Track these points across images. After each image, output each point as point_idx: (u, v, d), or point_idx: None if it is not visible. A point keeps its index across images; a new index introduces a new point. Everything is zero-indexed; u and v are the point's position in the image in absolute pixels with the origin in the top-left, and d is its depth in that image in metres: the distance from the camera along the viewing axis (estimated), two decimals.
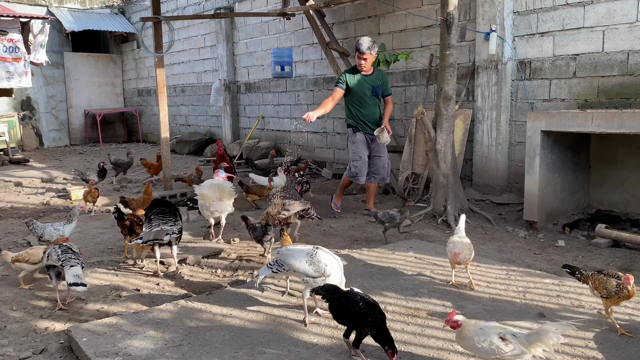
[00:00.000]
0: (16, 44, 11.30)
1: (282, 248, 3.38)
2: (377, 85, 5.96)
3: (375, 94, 5.99)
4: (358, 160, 5.99)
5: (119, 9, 16.04)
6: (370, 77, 5.97)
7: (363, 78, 5.96)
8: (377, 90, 5.97)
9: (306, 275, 3.17)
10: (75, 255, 3.65)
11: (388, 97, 6.10)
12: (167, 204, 4.37)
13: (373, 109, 6.02)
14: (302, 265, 3.16)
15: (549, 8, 5.93)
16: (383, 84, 6.01)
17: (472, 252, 3.65)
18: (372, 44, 5.81)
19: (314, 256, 3.18)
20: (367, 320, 2.63)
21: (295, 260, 3.19)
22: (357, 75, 5.97)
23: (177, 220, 4.25)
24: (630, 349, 2.80)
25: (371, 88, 5.94)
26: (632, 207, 5.46)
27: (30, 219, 4.70)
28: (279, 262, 3.27)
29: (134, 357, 2.79)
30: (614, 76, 5.52)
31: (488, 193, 6.56)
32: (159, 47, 7.39)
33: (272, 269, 3.28)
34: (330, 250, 3.37)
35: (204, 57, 12.74)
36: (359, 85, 5.94)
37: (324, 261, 3.18)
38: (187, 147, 12.64)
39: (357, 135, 6.02)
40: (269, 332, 3.07)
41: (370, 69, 5.97)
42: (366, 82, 5.94)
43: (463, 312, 3.28)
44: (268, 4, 10.26)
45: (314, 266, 3.15)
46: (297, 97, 10.03)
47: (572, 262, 4.42)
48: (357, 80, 5.95)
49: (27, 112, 14.53)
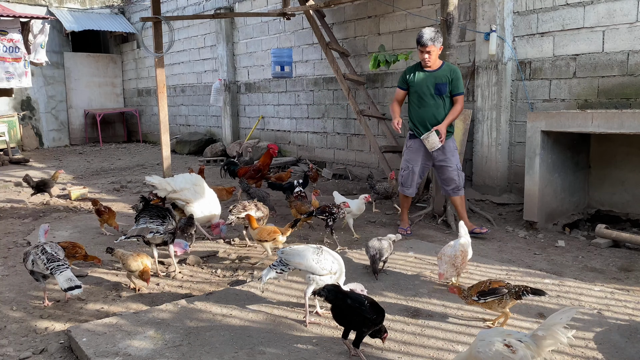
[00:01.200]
0: (16, 44, 11.31)
1: (286, 248, 3.37)
2: (442, 82, 5.12)
3: (439, 92, 5.14)
4: (404, 170, 5.37)
5: (119, 9, 16.03)
6: (436, 73, 5.16)
7: (426, 74, 5.19)
8: (441, 88, 5.12)
9: (313, 273, 3.17)
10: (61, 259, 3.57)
11: (457, 97, 5.16)
12: (157, 208, 4.42)
13: (434, 110, 5.17)
14: (309, 263, 3.16)
15: (549, 8, 5.93)
16: (452, 81, 5.12)
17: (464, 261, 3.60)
18: (436, 35, 5.00)
19: (320, 254, 3.19)
20: (372, 319, 2.63)
21: (302, 258, 3.19)
22: (419, 71, 5.22)
23: (164, 221, 4.24)
24: (630, 349, 2.80)
25: (434, 85, 5.14)
26: (632, 207, 5.46)
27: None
28: (283, 261, 3.25)
29: (134, 357, 2.80)
30: (614, 76, 5.52)
31: (488, 193, 6.56)
32: (159, 47, 7.39)
33: (276, 270, 3.25)
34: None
35: (204, 57, 12.74)
36: (419, 83, 5.20)
37: (331, 259, 3.21)
38: (187, 147, 12.64)
39: (411, 141, 5.34)
40: (269, 332, 3.07)
41: (436, 64, 5.16)
42: (429, 79, 5.16)
43: (461, 313, 3.28)
44: (268, 4, 10.26)
45: (321, 264, 3.15)
46: (297, 97, 10.03)
47: (572, 262, 4.42)
48: (419, 77, 5.21)
49: (27, 112, 14.52)
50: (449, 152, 5.20)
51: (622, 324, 3.07)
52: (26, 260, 3.66)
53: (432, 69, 5.17)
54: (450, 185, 5.26)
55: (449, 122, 5.12)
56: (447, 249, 3.61)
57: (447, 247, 3.65)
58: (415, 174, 5.33)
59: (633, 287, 3.80)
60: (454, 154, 5.27)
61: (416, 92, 5.23)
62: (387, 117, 8.08)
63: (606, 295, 3.52)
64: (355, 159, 8.92)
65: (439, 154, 5.20)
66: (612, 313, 3.24)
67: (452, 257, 3.53)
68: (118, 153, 13.37)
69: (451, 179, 5.23)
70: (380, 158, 7.77)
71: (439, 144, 5.06)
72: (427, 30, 5.02)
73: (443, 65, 5.19)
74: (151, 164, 11.13)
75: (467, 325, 3.12)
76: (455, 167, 5.23)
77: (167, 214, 4.33)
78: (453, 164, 5.23)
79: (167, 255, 4.49)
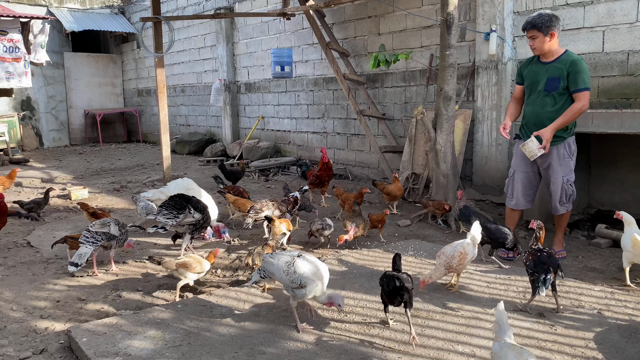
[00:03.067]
0: (16, 44, 11.30)
1: (266, 255, 3.33)
2: (554, 76, 4.26)
3: (550, 88, 4.29)
4: (509, 177, 4.69)
5: (119, 9, 16.04)
6: (549, 65, 4.32)
7: (539, 67, 4.40)
8: (553, 83, 4.27)
9: (284, 285, 3.18)
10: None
11: (576, 94, 4.19)
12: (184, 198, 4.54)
13: (538, 109, 4.37)
14: (280, 275, 3.12)
15: (549, 8, 5.92)
16: (569, 75, 4.20)
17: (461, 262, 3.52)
18: (542, 18, 4.20)
19: (291, 266, 3.08)
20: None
21: (274, 269, 3.16)
22: (533, 63, 4.49)
23: (180, 213, 4.36)
24: (630, 349, 2.80)
25: (545, 80, 4.32)
26: (632, 207, 5.44)
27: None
28: (264, 267, 3.27)
29: (134, 357, 2.79)
30: (614, 76, 5.52)
31: (488, 193, 6.56)
32: (159, 47, 7.39)
33: (260, 275, 3.29)
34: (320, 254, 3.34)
35: (204, 57, 12.74)
36: (530, 77, 4.46)
37: (300, 272, 3.04)
38: (187, 147, 12.64)
39: (517, 142, 4.62)
40: (269, 332, 3.07)
41: (550, 54, 4.32)
42: (541, 73, 4.36)
43: (461, 313, 3.28)
44: (268, 4, 10.26)
45: (289, 276, 3.06)
46: (297, 97, 10.03)
47: (572, 262, 4.42)
48: (531, 69, 4.47)
49: (27, 112, 14.53)
50: (556, 160, 4.34)
51: (622, 324, 3.07)
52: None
53: (548, 60, 4.35)
54: (551, 202, 4.45)
55: (556, 126, 4.18)
56: (448, 248, 3.59)
57: (448, 246, 3.64)
58: (517, 182, 4.57)
59: (633, 287, 3.80)
60: (563, 162, 4.34)
61: (528, 87, 4.51)
62: (387, 117, 8.09)
63: (606, 295, 3.52)
64: (355, 159, 8.92)
65: (542, 161, 4.39)
66: (612, 313, 3.24)
67: (450, 257, 3.50)
68: (118, 153, 13.37)
69: (554, 191, 4.39)
70: (381, 158, 7.77)
71: (537, 153, 4.21)
72: (535, 14, 4.32)
73: (562, 55, 4.31)
74: (151, 164, 11.12)
75: (467, 326, 3.11)
76: (560, 180, 4.34)
77: (189, 206, 4.43)
78: (558, 175, 4.35)
79: (166, 253, 4.49)
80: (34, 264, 4.66)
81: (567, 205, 4.44)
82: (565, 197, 4.40)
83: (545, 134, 4.17)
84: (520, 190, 4.58)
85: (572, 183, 4.39)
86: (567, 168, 4.36)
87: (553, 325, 3.09)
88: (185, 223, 4.40)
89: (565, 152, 4.36)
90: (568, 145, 4.37)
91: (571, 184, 4.39)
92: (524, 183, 4.56)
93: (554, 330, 3.04)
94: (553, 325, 3.09)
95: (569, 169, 4.37)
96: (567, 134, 4.34)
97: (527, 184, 4.56)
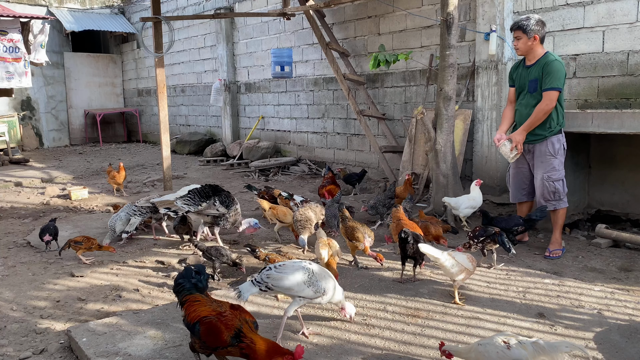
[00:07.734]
0: (16, 44, 11.29)
1: (272, 266, 2.96)
2: (533, 78, 4.46)
3: (531, 90, 4.49)
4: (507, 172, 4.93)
5: (119, 9, 16.04)
6: (531, 68, 4.50)
7: (523, 69, 4.60)
8: (533, 85, 4.47)
9: (304, 297, 2.88)
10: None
11: (544, 93, 4.35)
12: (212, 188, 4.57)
13: (524, 110, 4.56)
14: (301, 288, 2.85)
15: (549, 8, 5.93)
16: (542, 76, 4.37)
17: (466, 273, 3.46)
18: (528, 21, 4.38)
19: (312, 276, 2.88)
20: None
21: (290, 282, 2.85)
22: (521, 67, 4.67)
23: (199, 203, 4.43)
24: (630, 349, 2.80)
25: (527, 82, 4.53)
26: (632, 207, 5.45)
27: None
28: (268, 283, 2.87)
29: (134, 357, 2.80)
30: (614, 76, 5.52)
31: (488, 193, 6.55)
32: (159, 47, 7.39)
33: (260, 287, 2.89)
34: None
35: (204, 57, 12.74)
36: (518, 80, 4.67)
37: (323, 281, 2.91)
38: (187, 147, 12.64)
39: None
40: (269, 332, 3.07)
41: (532, 57, 4.48)
42: (524, 75, 4.58)
43: (461, 313, 3.28)
44: (268, 4, 10.26)
45: (313, 287, 2.86)
46: (297, 97, 10.03)
47: (572, 262, 4.41)
48: (519, 73, 4.67)
49: (27, 112, 14.53)
50: (537, 157, 4.51)
51: (622, 324, 3.07)
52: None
53: (530, 62, 4.51)
54: (536, 195, 4.59)
55: (525, 128, 4.42)
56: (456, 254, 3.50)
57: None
58: (511, 177, 4.86)
59: (633, 287, 3.80)
60: (544, 160, 4.47)
61: (517, 90, 4.70)
62: (387, 117, 8.09)
63: (606, 295, 3.52)
64: (355, 159, 8.92)
65: (529, 158, 4.61)
66: (612, 313, 3.24)
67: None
68: (118, 153, 13.37)
69: (537, 187, 4.55)
70: (381, 158, 7.77)
71: (510, 155, 4.48)
72: (524, 16, 4.54)
73: (541, 58, 4.45)
74: (151, 164, 11.13)
75: (467, 325, 3.12)
76: (541, 177, 4.48)
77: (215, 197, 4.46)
78: (539, 172, 4.51)
79: (168, 254, 4.49)
80: (34, 264, 4.66)
81: (553, 203, 4.51)
82: (549, 194, 4.49)
83: (515, 137, 4.47)
84: (514, 184, 4.85)
85: (555, 180, 4.47)
86: (548, 166, 4.46)
87: (553, 325, 3.10)
88: (208, 214, 4.25)
89: (548, 150, 4.46)
90: (551, 144, 4.46)
91: (553, 182, 4.47)
92: (516, 178, 4.81)
93: (554, 330, 3.04)
94: (553, 325, 3.09)
95: (550, 166, 4.46)
96: (548, 133, 4.45)
97: (519, 179, 4.79)
